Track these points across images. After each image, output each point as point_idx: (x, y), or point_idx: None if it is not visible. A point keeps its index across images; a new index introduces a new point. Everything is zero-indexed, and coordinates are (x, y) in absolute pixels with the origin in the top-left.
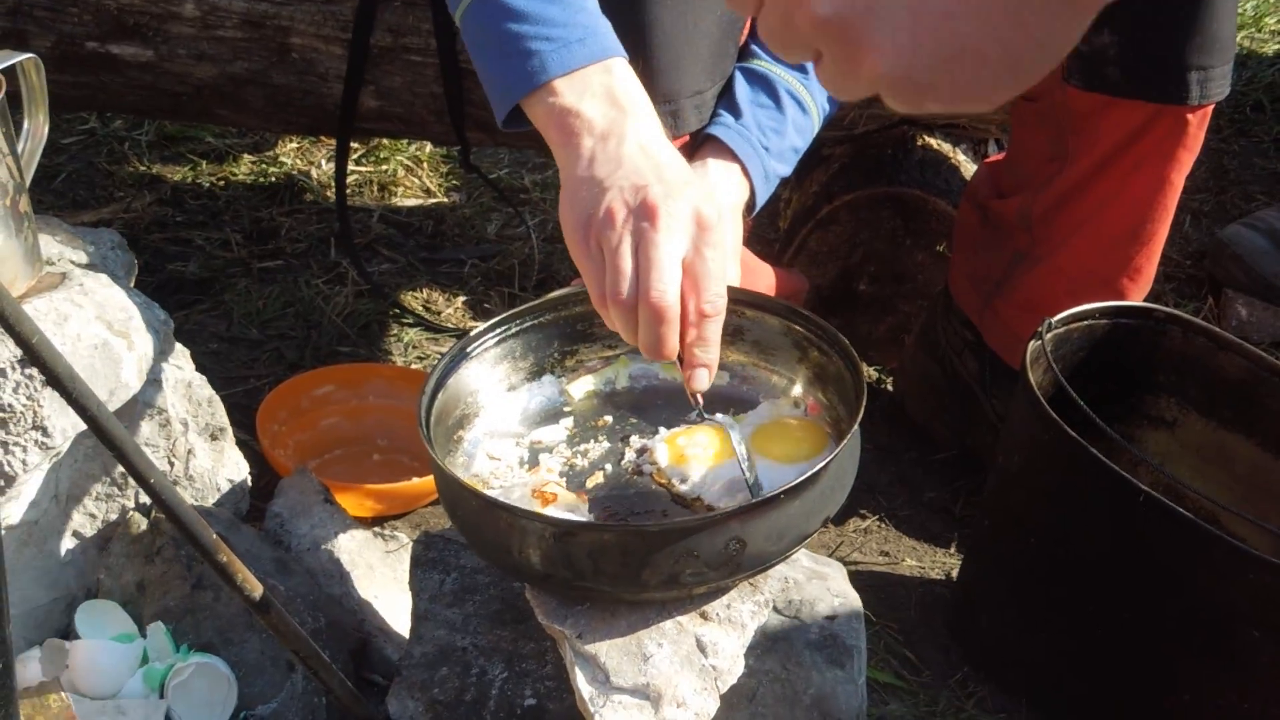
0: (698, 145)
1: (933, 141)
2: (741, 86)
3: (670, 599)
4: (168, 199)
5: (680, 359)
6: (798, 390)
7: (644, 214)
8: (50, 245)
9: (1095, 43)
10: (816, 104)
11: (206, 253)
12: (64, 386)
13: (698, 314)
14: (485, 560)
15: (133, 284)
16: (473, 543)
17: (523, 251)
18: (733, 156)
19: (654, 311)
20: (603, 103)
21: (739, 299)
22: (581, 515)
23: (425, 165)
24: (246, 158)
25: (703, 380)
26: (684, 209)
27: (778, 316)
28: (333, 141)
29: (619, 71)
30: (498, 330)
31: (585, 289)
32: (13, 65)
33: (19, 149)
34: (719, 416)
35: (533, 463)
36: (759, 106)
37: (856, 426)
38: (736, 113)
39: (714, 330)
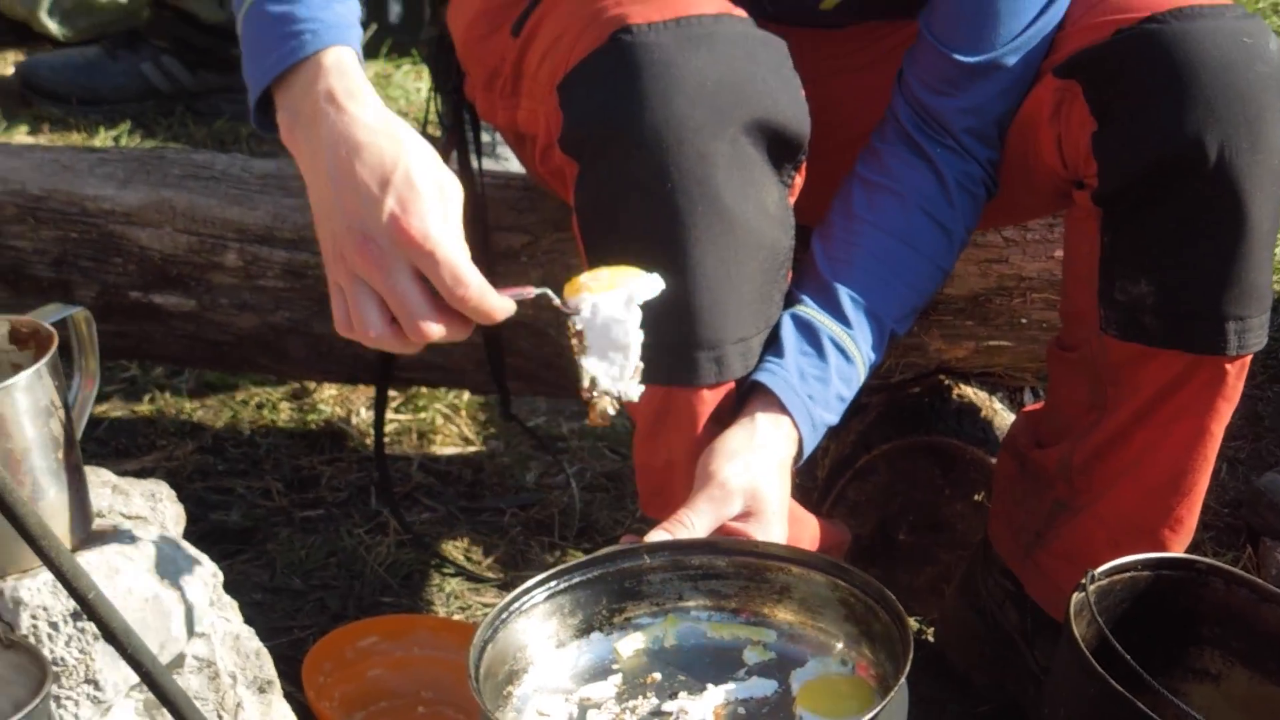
0: (744, 393)
1: (969, 390)
2: (787, 333)
3: None
4: (209, 447)
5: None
6: (844, 647)
7: (364, 265)
8: (100, 497)
9: (1132, 292)
10: (861, 353)
11: (248, 501)
12: (120, 642)
13: (457, 301)
14: None
15: (181, 535)
16: None
17: (562, 500)
18: (781, 408)
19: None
20: (316, 103)
21: (785, 556)
22: None
23: (463, 413)
24: (285, 405)
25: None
26: (398, 259)
27: (823, 573)
28: (371, 388)
29: (329, 63)
30: (547, 586)
31: (633, 545)
32: (64, 318)
33: (70, 402)
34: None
35: (582, 719)
36: (803, 354)
37: (903, 680)
38: (782, 361)
39: (477, 297)
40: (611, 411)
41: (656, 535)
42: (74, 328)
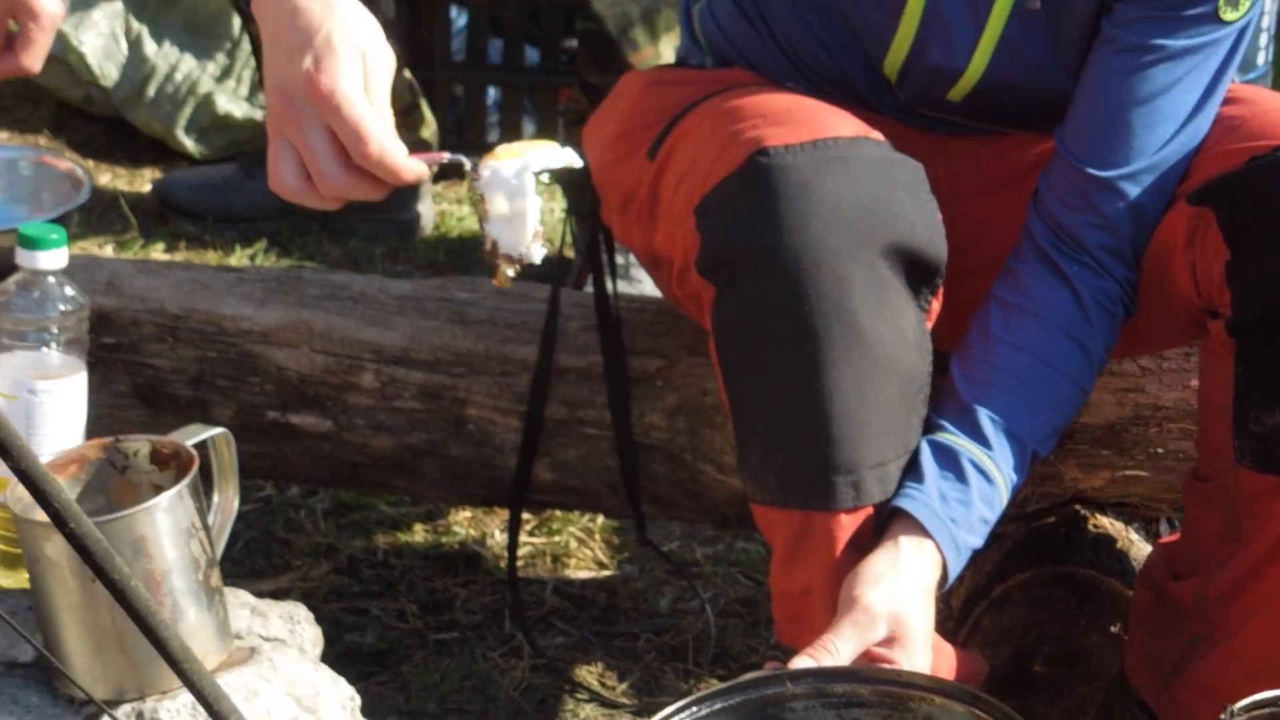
0: (885, 519)
1: (1105, 520)
2: (926, 458)
3: None
4: (344, 568)
5: None
6: None
7: (283, 120)
8: (238, 618)
9: (1267, 424)
10: (1003, 475)
11: (383, 623)
12: None
13: (360, 158)
14: None
15: (318, 657)
16: None
17: (697, 626)
18: (923, 532)
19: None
20: None
21: (928, 686)
22: None
23: (598, 537)
24: (420, 526)
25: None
26: (312, 115)
27: (965, 704)
28: (505, 511)
29: None
30: (688, 711)
31: (777, 672)
32: (204, 440)
33: (209, 523)
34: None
35: None
36: (943, 478)
37: None
38: (922, 486)
39: (378, 153)
40: (511, 274)
41: (800, 661)
42: (214, 449)
